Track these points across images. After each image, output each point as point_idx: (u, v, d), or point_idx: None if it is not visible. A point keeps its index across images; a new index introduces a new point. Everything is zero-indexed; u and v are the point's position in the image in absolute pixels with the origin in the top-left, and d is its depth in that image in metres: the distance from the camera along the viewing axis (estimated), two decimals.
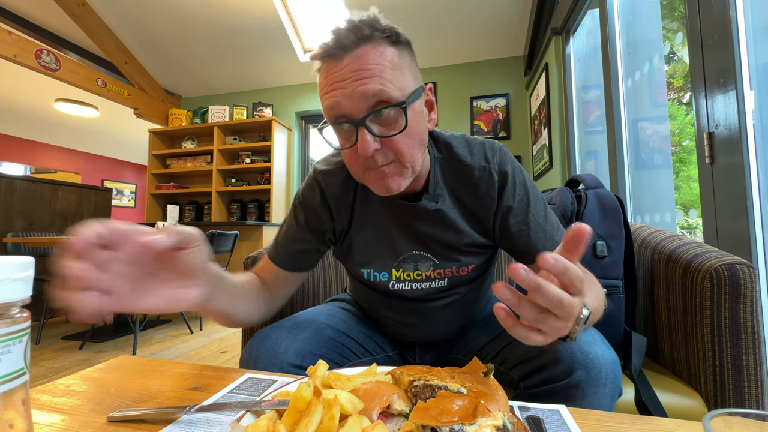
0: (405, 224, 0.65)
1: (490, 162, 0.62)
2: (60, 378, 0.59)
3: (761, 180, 0.94)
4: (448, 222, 0.63)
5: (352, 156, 0.55)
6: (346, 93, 0.50)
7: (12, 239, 2.35)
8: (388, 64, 0.51)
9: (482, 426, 0.30)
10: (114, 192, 7.52)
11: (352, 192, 0.66)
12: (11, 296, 0.24)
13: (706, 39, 1.07)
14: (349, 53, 0.50)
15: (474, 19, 3.20)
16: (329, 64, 0.52)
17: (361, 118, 0.50)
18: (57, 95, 4.51)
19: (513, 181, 0.62)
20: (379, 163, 0.53)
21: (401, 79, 0.52)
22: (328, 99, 0.52)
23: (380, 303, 0.73)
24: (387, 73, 0.50)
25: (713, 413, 0.25)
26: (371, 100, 0.50)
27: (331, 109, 0.52)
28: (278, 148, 3.99)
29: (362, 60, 0.50)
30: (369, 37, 0.51)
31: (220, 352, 2.21)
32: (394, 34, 0.53)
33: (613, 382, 0.50)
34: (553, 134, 2.72)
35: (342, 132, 0.54)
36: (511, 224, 0.62)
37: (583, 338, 0.52)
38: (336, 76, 0.51)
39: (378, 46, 0.51)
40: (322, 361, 0.40)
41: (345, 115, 0.51)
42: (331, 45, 0.51)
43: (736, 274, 0.64)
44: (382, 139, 0.52)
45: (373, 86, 0.49)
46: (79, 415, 0.40)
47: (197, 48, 3.78)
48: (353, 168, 0.57)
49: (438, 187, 0.63)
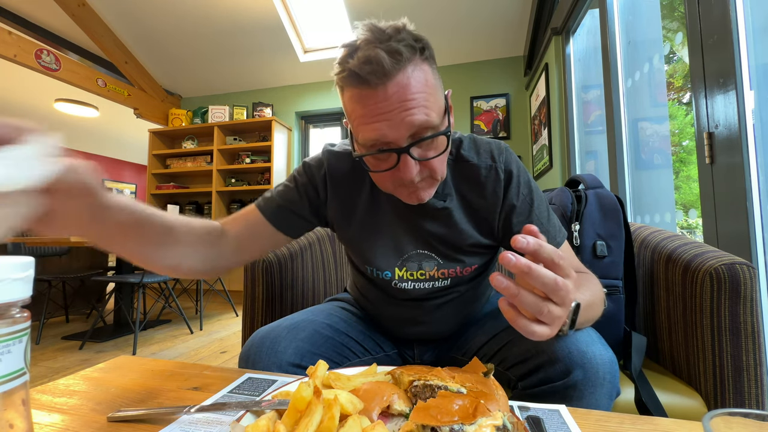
0: (411, 223, 0.65)
1: (496, 161, 0.63)
2: (60, 378, 0.59)
3: (761, 180, 0.94)
4: (453, 221, 0.64)
5: (386, 176, 0.54)
6: (392, 124, 0.48)
7: (12, 239, 2.35)
8: (429, 88, 0.50)
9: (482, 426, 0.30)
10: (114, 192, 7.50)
11: (358, 186, 0.66)
12: (11, 296, 0.24)
13: (706, 39, 1.07)
14: (391, 81, 0.47)
15: (474, 19, 3.20)
16: (366, 91, 0.49)
17: (406, 147, 0.50)
18: (57, 95, 4.51)
19: (518, 181, 0.63)
20: (416, 181, 0.53)
21: (438, 99, 0.52)
22: (370, 130, 0.50)
23: (380, 299, 0.73)
24: (429, 100, 0.49)
25: (713, 413, 0.25)
26: (416, 129, 0.49)
27: (374, 140, 0.50)
28: (278, 148, 3.99)
29: (406, 89, 0.48)
30: (409, 59, 0.48)
31: (220, 352, 2.21)
32: (428, 48, 0.51)
33: (611, 382, 0.50)
34: (553, 134, 2.72)
35: (379, 156, 0.53)
36: (514, 223, 0.63)
37: (581, 338, 0.52)
38: (379, 107, 0.48)
39: (416, 69, 0.49)
40: (322, 361, 0.40)
41: (390, 143, 0.50)
42: (371, 72, 0.47)
43: (736, 274, 0.64)
44: (423, 161, 0.52)
45: (419, 117, 0.48)
46: (79, 415, 0.40)
47: (197, 48, 3.78)
48: (384, 185, 0.57)
49: (446, 187, 0.64)
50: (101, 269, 3.28)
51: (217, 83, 4.34)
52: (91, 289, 3.20)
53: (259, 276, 0.96)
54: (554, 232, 0.63)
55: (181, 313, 2.63)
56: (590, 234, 0.81)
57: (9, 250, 2.51)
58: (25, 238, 2.26)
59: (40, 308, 2.54)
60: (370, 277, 0.71)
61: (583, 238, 0.81)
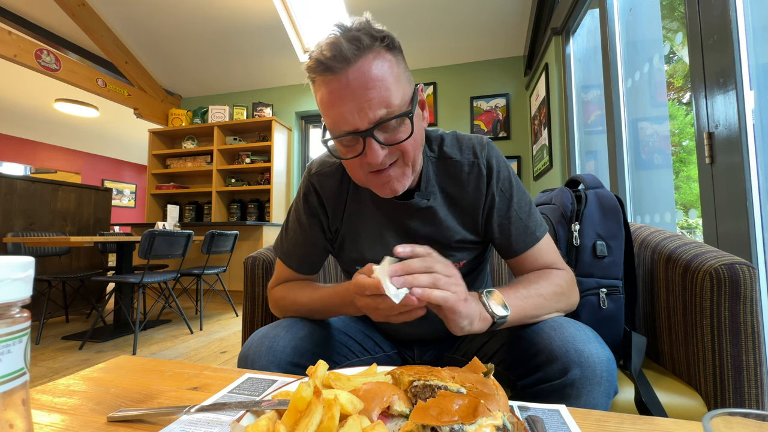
0: (397, 223, 0.66)
1: (478, 157, 0.64)
2: (60, 378, 0.59)
3: (761, 180, 0.94)
4: (438, 219, 0.65)
5: (356, 163, 0.56)
6: (353, 107, 0.50)
7: (12, 239, 2.35)
8: (390, 73, 0.51)
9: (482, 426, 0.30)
10: (114, 192, 7.52)
11: (345, 192, 0.68)
12: (11, 296, 0.24)
13: (706, 39, 1.07)
14: (352, 66, 0.50)
15: (474, 20, 3.20)
16: (330, 77, 0.51)
17: (369, 130, 0.51)
18: (57, 95, 4.51)
19: (498, 176, 0.64)
20: (386, 165, 0.54)
21: (402, 86, 0.53)
22: (333, 114, 0.52)
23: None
24: (391, 84, 0.51)
25: (713, 413, 0.25)
26: (379, 113, 0.50)
27: (338, 123, 0.52)
28: (278, 148, 3.99)
29: (366, 73, 0.50)
30: (369, 47, 0.51)
31: (220, 352, 2.21)
32: (390, 39, 0.53)
33: (608, 381, 0.50)
34: (553, 134, 2.72)
35: (346, 142, 0.54)
36: (494, 217, 0.64)
37: (578, 337, 0.52)
38: (341, 91, 0.51)
39: (378, 56, 0.51)
40: (322, 361, 0.40)
41: (353, 128, 0.51)
42: (330, 58, 0.50)
43: (736, 274, 0.64)
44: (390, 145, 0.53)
45: (380, 99, 0.50)
46: (79, 415, 0.40)
47: (197, 48, 3.78)
48: (356, 175, 0.58)
49: (430, 184, 0.65)
50: (101, 269, 3.28)
51: (217, 83, 4.35)
52: (91, 289, 3.20)
53: (259, 276, 0.96)
54: (534, 226, 0.64)
55: (181, 313, 2.63)
56: (590, 234, 0.81)
57: (9, 250, 2.51)
58: (25, 238, 2.26)
59: (40, 308, 2.54)
60: None
61: (583, 238, 0.81)
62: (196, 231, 3.37)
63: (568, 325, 0.54)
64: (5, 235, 2.61)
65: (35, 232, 2.87)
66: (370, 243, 0.68)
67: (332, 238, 0.71)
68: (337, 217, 0.69)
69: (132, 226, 3.94)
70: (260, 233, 3.55)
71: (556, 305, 0.59)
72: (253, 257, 0.97)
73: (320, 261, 0.73)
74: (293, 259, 0.71)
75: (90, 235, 3.26)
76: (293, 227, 0.71)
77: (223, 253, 3.10)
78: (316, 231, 0.70)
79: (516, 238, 0.63)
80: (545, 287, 0.59)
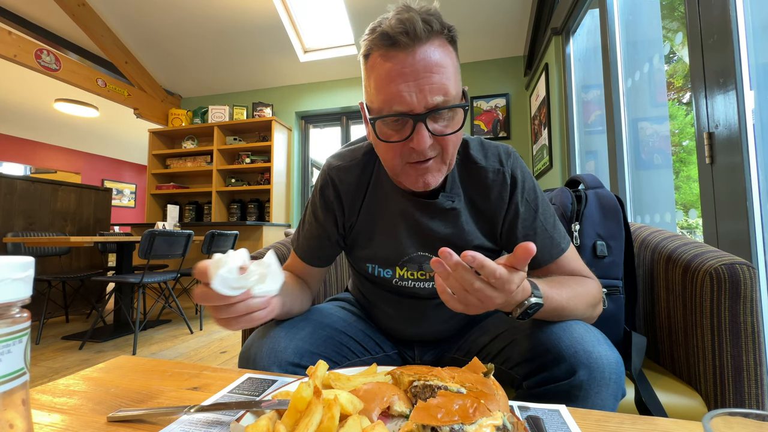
0: (415, 223, 0.65)
1: (504, 165, 0.63)
2: (60, 378, 0.59)
3: (761, 180, 0.94)
4: (459, 222, 0.64)
5: (396, 149, 0.54)
6: (413, 87, 0.49)
7: (12, 239, 2.35)
8: (452, 63, 0.51)
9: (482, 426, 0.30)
10: (114, 192, 7.52)
11: (363, 189, 0.67)
12: (11, 296, 0.24)
13: (706, 39, 1.07)
14: (422, 46, 0.49)
15: (474, 19, 3.20)
16: (395, 52, 0.49)
17: (423, 114, 0.50)
18: (57, 95, 4.51)
19: (523, 186, 0.63)
20: (428, 156, 0.54)
21: (458, 80, 0.53)
22: (389, 91, 0.50)
23: (381, 298, 0.73)
24: (452, 74, 0.51)
25: (713, 413, 0.25)
26: (437, 99, 0.50)
27: (393, 101, 0.51)
28: (278, 148, 3.99)
29: (432, 55, 0.49)
30: (439, 32, 0.50)
31: (220, 352, 2.21)
32: (454, 33, 0.53)
33: (617, 383, 0.50)
34: (553, 134, 2.72)
35: (393, 125, 0.53)
36: (518, 228, 0.63)
37: (587, 338, 0.52)
38: (404, 69, 0.49)
39: (445, 44, 0.51)
40: (322, 361, 0.40)
41: (409, 109, 0.50)
42: (401, 32, 0.48)
43: (736, 274, 0.64)
44: (435, 137, 0.52)
45: (440, 85, 0.49)
46: (79, 415, 0.40)
47: (197, 48, 3.78)
48: (394, 161, 0.56)
49: (455, 186, 0.64)
50: (101, 269, 3.28)
51: (217, 83, 4.34)
52: (91, 289, 3.20)
53: None
54: (559, 238, 0.63)
55: (181, 313, 2.63)
56: (590, 234, 0.81)
57: (9, 250, 2.51)
58: (25, 238, 2.26)
59: (40, 308, 2.54)
60: (372, 276, 0.71)
61: (583, 238, 0.81)
62: (196, 231, 3.37)
63: (577, 326, 0.54)
64: (5, 235, 2.61)
65: (35, 232, 2.87)
66: (385, 241, 0.67)
67: (345, 234, 0.71)
68: (354, 212, 0.68)
69: (132, 226, 3.94)
70: (260, 233, 3.54)
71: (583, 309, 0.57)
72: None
73: (333, 255, 0.73)
74: (306, 251, 0.71)
75: (90, 235, 3.26)
76: (309, 220, 0.71)
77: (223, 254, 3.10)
78: (330, 225, 0.69)
79: (541, 250, 0.62)
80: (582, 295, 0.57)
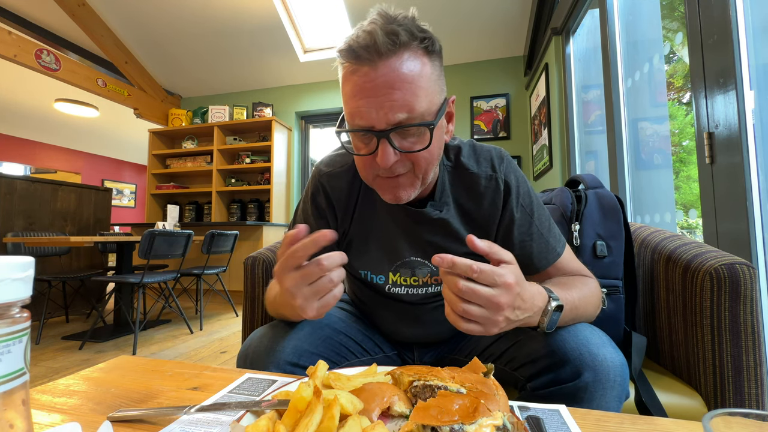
0: (407, 229, 0.65)
1: (496, 171, 0.62)
2: (60, 378, 0.59)
3: (761, 180, 0.94)
4: (450, 231, 0.63)
5: (367, 162, 0.54)
6: (375, 103, 0.48)
7: (12, 239, 2.35)
8: (422, 78, 0.49)
9: (482, 426, 0.30)
10: (114, 192, 7.52)
11: (355, 194, 0.67)
12: (11, 296, 0.24)
13: (706, 39, 1.07)
14: (384, 61, 0.47)
15: (474, 19, 3.20)
16: (359, 67, 0.48)
17: (386, 131, 0.49)
18: (57, 95, 4.51)
19: (518, 191, 0.62)
20: (395, 173, 0.53)
21: (431, 94, 0.50)
22: (353, 106, 0.50)
23: (377, 302, 0.73)
24: (420, 89, 0.48)
25: (713, 413, 0.25)
26: (399, 116, 0.48)
27: (355, 117, 0.50)
28: (278, 148, 3.99)
29: (397, 72, 0.47)
30: (406, 44, 0.48)
31: (220, 352, 2.21)
32: (431, 42, 0.51)
33: (621, 385, 0.50)
34: (553, 134, 2.72)
35: (362, 138, 0.53)
36: (515, 235, 0.62)
37: (592, 340, 0.51)
38: (367, 85, 0.48)
39: (414, 57, 0.48)
40: (322, 361, 0.40)
41: (370, 125, 0.49)
42: (363, 47, 0.47)
43: (736, 274, 0.64)
44: (404, 153, 0.51)
45: (405, 103, 0.47)
46: (79, 415, 0.40)
47: (197, 48, 3.78)
48: (365, 173, 0.57)
49: (444, 195, 0.63)
50: (101, 269, 3.28)
51: (217, 83, 4.35)
52: (91, 289, 3.20)
53: (259, 276, 0.96)
54: (554, 242, 0.62)
55: (181, 313, 2.63)
56: (590, 234, 0.81)
57: (9, 250, 2.51)
58: (25, 238, 2.26)
59: (40, 308, 2.54)
60: (365, 281, 0.71)
61: (583, 238, 0.81)
62: (196, 231, 3.37)
63: (582, 328, 0.54)
64: (5, 235, 2.61)
65: (35, 232, 2.87)
66: (379, 248, 0.67)
67: (339, 241, 0.70)
68: (346, 219, 0.68)
69: (132, 226, 3.94)
70: (260, 233, 3.55)
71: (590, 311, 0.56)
72: (253, 257, 0.97)
73: None
74: None
75: (90, 235, 3.26)
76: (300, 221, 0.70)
77: (223, 253, 3.10)
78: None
79: (538, 255, 0.61)
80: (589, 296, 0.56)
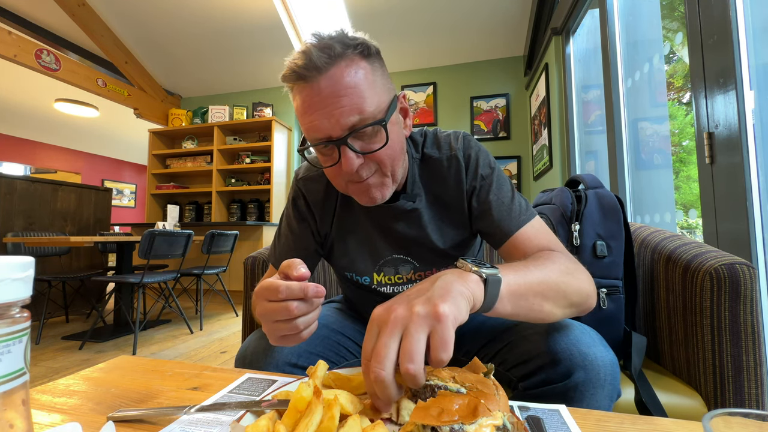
0: (385, 228, 0.66)
1: (454, 149, 0.64)
2: (60, 378, 0.59)
3: (761, 180, 0.94)
4: (424, 221, 0.64)
5: (335, 172, 0.56)
6: (325, 114, 0.50)
7: (12, 239, 2.35)
8: (364, 81, 0.51)
9: (482, 426, 0.30)
10: (114, 192, 7.52)
11: (333, 198, 0.68)
12: (11, 296, 0.24)
13: (706, 39, 1.07)
14: (324, 74, 0.50)
15: (474, 19, 3.20)
16: (303, 86, 0.51)
17: (343, 138, 0.51)
18: (57, 95, 4.51)
19: (476, 162, 0.63)
20: (363, 177, 0.55)
21: (377, 93, 0.52)
22: (308, 121, 0.52)
23: (367, 301, 0.74)
24: (365, 91, 0.51)
25: (713, 413, 0.25)
26: (351, 120, 0.50)
27: (311, 131, 0.52)
28: (278, 148, 3.99)
29: (338, 80, 0.50)
30: (341, 54, 0.50)
31: (220, 352, 2.21)
32: (365, 47, 0.53)
33: (612, 384, 0.50)
34: (553, 134, 2.72)
35: (324, 151, 0.54)
36: (474, 205, 0.63)
37: (582, 339, 0.52)
38: (314, 99, 0.50)
39: (351, 64, 0.51)
40: (322, 361, 0.40)
41: (326, 136, 0.52)
42: (303, 66, 0.50)
43: (736, 274, 0.64)
44: (365, 154, 0.53)
45: (353, 106, 0.50)
46: (79, 415, 0.40)
47: (197, 48, 3.78)
48: (336, 183, 0.59)
49: (416, 186, 0.65)
50: (101, 269, 3.28)
51: (217, 83, 4.35)
52: (91, 289, 3.20)
53: (259, 276, 0.96)
54: (519, 210, 0.60)
55: (181, 313, 2.63)
56: (590, 234, 0.81)
57: (9, 250, 2.51)
58: (25, 238, 2.26)
59: (40, 308, 2.54)
60: (353, 282, 0.72)
61: (583, 238, 0.81)
62: (196, 231, 3.37)
63: (573, 328, 0.54)
64: (5, 235, 2.61)
65: (35, 232, 2.87)
66: (359, 248, 0.68)
67: (322, 242, 0.72)
68: (326, 221, 0.69)
69: (132, 226, 3.94)
70: (260, 233, 3.55)
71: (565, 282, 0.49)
72: (253, 257, 0.97)
73: (312, 265, 0.72)
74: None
75: (90, 235, 3.26)
76: (285, 233, 0.72)
77: (223, 253, 3.10)
78: (307, 235, 0.70)
79: (499, 223, 0.60)
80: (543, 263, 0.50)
